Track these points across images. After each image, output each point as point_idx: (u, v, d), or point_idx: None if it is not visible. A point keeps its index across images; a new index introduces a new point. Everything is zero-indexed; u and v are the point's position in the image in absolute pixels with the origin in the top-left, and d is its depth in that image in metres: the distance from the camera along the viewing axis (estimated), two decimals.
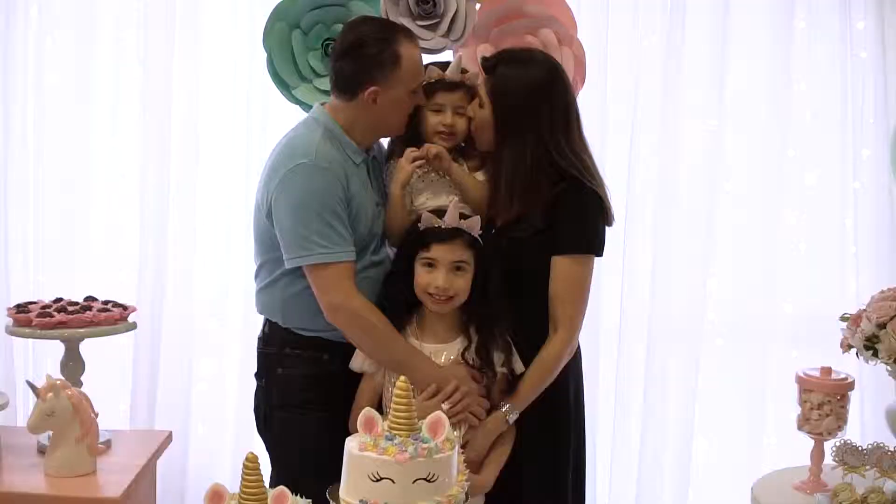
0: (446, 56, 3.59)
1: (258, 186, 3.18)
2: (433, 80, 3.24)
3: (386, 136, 3.31)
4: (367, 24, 3.22)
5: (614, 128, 4.50)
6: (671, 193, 4.52)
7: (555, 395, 3.18)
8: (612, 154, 4.49)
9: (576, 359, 3.27)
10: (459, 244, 2.99)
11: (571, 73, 3.59)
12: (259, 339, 3.32)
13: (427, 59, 3.34)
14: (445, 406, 2.88)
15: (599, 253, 3.20)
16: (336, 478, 2.31)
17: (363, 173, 3.18)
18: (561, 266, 3.10)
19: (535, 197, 3.09)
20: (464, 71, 3.31)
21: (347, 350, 3.13)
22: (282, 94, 3.64)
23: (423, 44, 3.44)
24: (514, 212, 3.11)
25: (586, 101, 4.00)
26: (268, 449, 3.29)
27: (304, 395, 3.17)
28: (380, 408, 3.02)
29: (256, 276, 3.30)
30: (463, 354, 3.04)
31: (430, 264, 2.98)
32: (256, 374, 3.33)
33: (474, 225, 3.01)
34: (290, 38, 3.57)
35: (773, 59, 4.53)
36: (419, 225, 3.03)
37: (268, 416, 3.28)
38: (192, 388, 4.59)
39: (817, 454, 3.42)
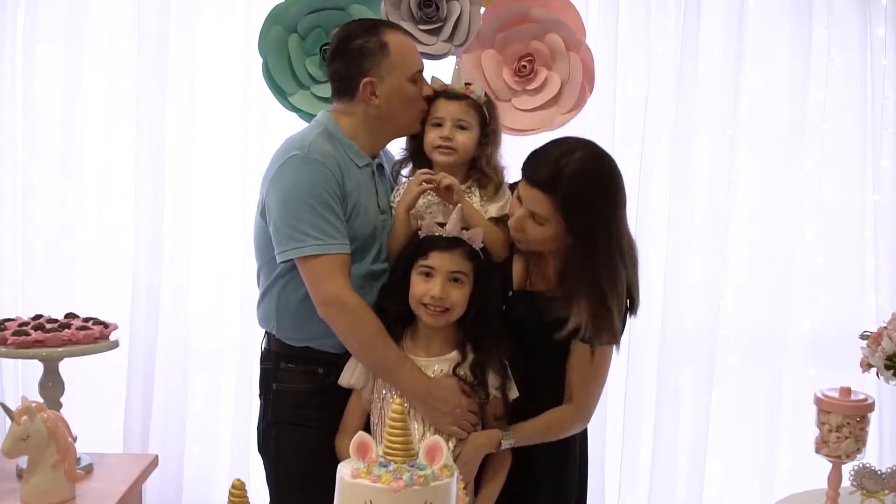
0: (450, 63, 3.51)
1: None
2: (436, 90, 3.16)
3: (400, 135, 3.23)
4: (353, 23, 3.23)
5: (624, 137, 4.39)
6: (683, 205, 4.42)
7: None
8: (622, 165, 4.22)
9: None
10: (459, 254, 2.89)
11: (579, 80, 3.55)
12: (260, 356, 3.26)
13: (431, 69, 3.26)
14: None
15: (619, 345, 3.08)
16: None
17: (365, 176, 3.10)
18: (581, 352, 3.00)
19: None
20: (467, 84, 3.21)
21: (342, 364, 3.05)
22: (278, 102, 3.54)
23: (425, 49, 3.39)
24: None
25: (594, 109, 3.99)
26: (265, 468, 3.22)
27: (299, 412, 3.12)
28: (367, 427, 2.97)
29: (258, 286, 3.23)
30: (455, 369, 2.94)
31: (428, 273, 2.89)
32: (259, 393, 3.27)
33: (476, 237, 2.92)
34: (286, 43, 3.48)
35: (790, 67, 4.43)
36: (419, 233, 2.95)
37: (266, 434, 3.21)
38: (188, 407, 4.48)
39: (835, 478, 3.30)
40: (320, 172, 2.94)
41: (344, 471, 2.11)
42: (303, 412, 3.11)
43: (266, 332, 3.24)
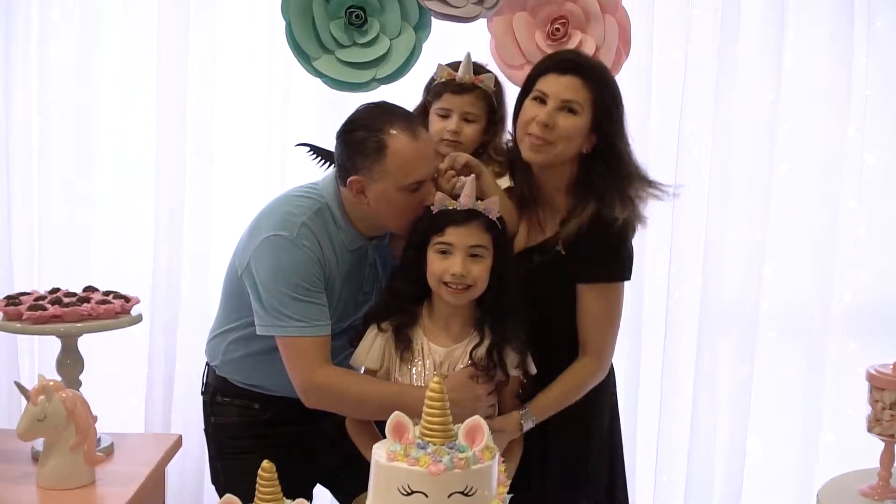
0: (480, 26, 3.40)
1: (243, 235, 3.04)
2: (442, 81, 3.08)
3: (380, 228, 3.06)
4: (369, 107, 2.99)
5: (661, 103, 4.30)
6: (723, 173, 4.31)
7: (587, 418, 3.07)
8: (660, 131, 4.30)
9: (609, 383, 3.14)
10: (476, 227, 2.76)
11: (615, 44, 3.43)
12: (200, 388, 3.33)
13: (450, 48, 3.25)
14: None
15: (630, 277, 3.01)
16: None
17: (355, 259, 3.03)
18: (589, 296, 2.93)
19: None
20: (478, 71, 3.11)
21: (278, 401, 3.09)
22: (302, 67, 3.41)
23: (454, 11, 3.27)
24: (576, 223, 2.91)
25: (630, 74, 3.87)
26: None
27: (237, 443, 3.17)
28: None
29: (215, 320, 3.26)
30: (471, 353, 2.82)
31: (445, 251, 2.76)
32: (203, 428, 3.35)
33: (492, 207, 2.80)
34: (310, 6, 3.34)
35: (833, 31, 4.30)
36: (432, 208, 2.81)
37: (214, 468, 3.29)
38: None
39: (888, 457, 3.19)
40: (305, 261, 2.88)
41: (379, 453, 2.03)
42: (240, 443, 3.15)
43: (207, 364, 3.27)
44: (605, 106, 2.89)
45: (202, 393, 3.26)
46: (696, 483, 4.43)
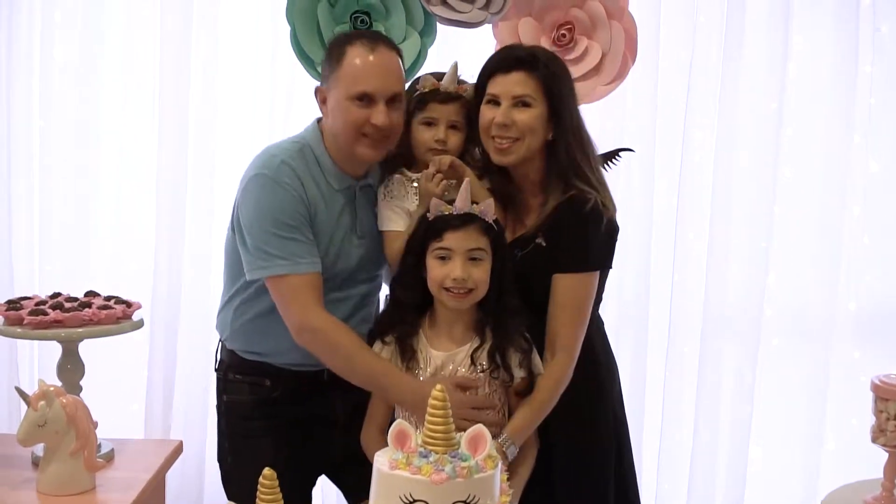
0: (486, 31, 3.44)
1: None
2: (426, 91, 3.07)
3: (346, 154, 3.02)
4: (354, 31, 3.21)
5: (666, 109, 4.29)
6: (727, 180, 4.29)
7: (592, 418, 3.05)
8: (664, 137, 4.29)
9: (612, 374, 3.15)
10: (474, 230, 2.77)
11: (622, 50, 3.44)
12: (214, 366, 3.33)
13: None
14: None
15: (607, 266, 3.02)
16: None
17: (343, 199, 3.03)
18: (563, 286, 2.90)
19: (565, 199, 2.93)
20: (460, 82, 3.11)
21: (290, 377, 3.10)
22: (306, 71, 3.44)
23: (460, 17, 3.29)
24: (543, 214, 2.94)
25: (636, 80, 3.89)
26: (222, 476, 3.29)
27: (249, 424, 3.17)
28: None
29: (221, 293, 3.28)
30: (472, 356, 2.81)
31: (445, 256, 2.76)
32: (215, 404, 3.36)
33: (488, 209, 2.80)
34: (315, 10, 3.36)
35: (837, 37, 4.28)
36: (428, 215, 2.82)
37: (222, 446, 3.29)
38: (211, 389, 4.32)
39: (891, 468, 3.15)
40: (286, 198, 2.90)
41: (381, 461, 2.02)
42: (252, 424, 3.15)
43: (220, 341, 3.27)
44: (556, 91, 2.92)
45: (215, 370, 3.25)
46: (698, 491, 4.40)
